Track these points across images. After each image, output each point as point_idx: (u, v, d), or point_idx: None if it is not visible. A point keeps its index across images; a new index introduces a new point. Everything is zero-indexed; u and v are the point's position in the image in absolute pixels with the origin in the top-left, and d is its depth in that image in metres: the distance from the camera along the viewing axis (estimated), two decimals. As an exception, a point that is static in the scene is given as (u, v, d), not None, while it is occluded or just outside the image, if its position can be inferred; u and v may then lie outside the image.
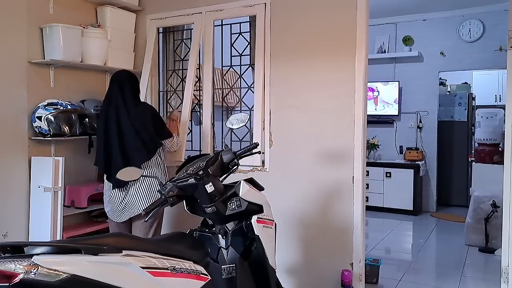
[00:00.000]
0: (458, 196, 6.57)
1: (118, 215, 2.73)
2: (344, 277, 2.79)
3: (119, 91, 2.70)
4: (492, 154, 5.02)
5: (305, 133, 2.99)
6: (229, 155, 2.04)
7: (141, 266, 1.49)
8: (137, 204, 2.66)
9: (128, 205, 2.68)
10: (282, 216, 2.77)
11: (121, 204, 2.70)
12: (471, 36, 6.01)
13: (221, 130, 3.51)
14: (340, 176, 2.87)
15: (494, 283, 3.34)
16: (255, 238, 1.91)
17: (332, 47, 2.89)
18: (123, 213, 2.71)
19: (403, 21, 6.39)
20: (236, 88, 3.57)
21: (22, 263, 1.25)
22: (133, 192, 2.66)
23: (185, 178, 1.90)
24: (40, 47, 3.07)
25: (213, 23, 3.36)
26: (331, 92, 2.90)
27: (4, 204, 2.87)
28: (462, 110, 6.61)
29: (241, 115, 2.28)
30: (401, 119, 6.45)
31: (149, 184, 2.66)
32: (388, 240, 4.91)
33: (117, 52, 3.46)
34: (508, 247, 2.68)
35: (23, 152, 2.97)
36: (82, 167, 3.25)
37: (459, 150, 6.60)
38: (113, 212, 2.75)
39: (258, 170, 3.12)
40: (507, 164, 2.70)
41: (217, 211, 1.90)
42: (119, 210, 2.71)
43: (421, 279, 3.68)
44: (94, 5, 3.49)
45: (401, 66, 6.42)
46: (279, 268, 2.09)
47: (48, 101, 2.98)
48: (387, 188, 6.12)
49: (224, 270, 1.88)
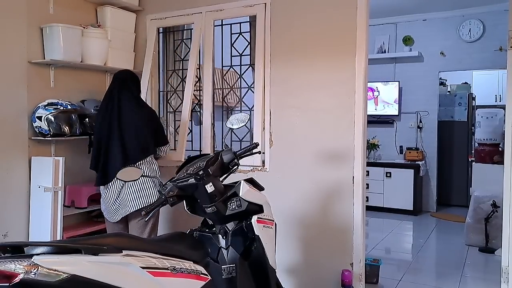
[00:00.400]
0: (458, 196, 6.57)
1: (112, 215, 2.74)
2: (344, 277, 2.79)
3: (121, 88, 2.73)
4: (492, 154, 5.01)
5: (305, 133, 2.99)
6: (229, 155, 2.04)
7: (141, 266, 1.49)
8: (131, 203, 2.66)
9: (121, 204, 2.68)
10: (282, 216, 2.78)
11: (114, 203, 2.71)
12: (471, 36, 6.01)
13: (221, 130, 3.51)
14: (340, 176, 2.87)
15: (494, 283, 3.34)
16: (255, 238, 1.91)
17: (332, 47, 2.89)
18: (117, 212, 2.71)
19: (403, 21, 6.39)
20: (236, 88, 3.57)
21: (22, 263, 1.25)
22: (126, 191, 2.67)
23: (185, 178, 1.90)
24: (40, 47, 3.07)
25: (213, 23, 3.36)
26: (331, 92, 2.90)
27: (4, 204, 2.87)
28: (462, 110, 6.61)
29: (241, 115, 2.28)
30: (401, 119, 6.45)
31: (143, 183, 2.67)
32: (388, 240, 4.91)
33: (117, 52, 3.46)
34: (508, 247, 2.68)
35: (23, 152, 2.97)
36: (82, 167, 3.24)
37: (459, 150, 6.60)
38: (108, 211, 2.76)
39: (258, 170, 3.12)
40: (507, 164, 2.69)
41: (217, 211, 1.90)
42: (113, 210, 2.72)
43: (421, 279, 3.68)
44: (94, 5, 3.49)
45: (401, 66, 6.42)
46: (279, 268, 2.09)
47: (48, 101, 2.98)
48: (387, 188, 6.12)
49: (224, 270, 1.88)
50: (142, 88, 3.50)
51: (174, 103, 3.75)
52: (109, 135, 2.69)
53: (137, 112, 2.72)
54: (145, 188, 2.68)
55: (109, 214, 2.76)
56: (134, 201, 2.66)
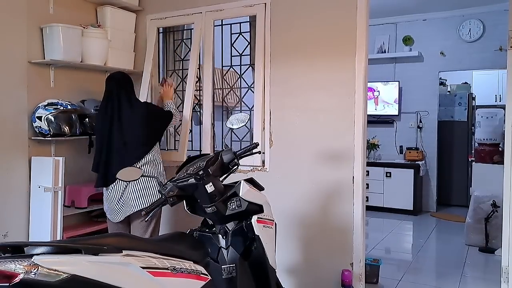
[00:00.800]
0: (458, 196, 6.57)
1: (115, 215, 2.74)
2: (344, 277, 2.79)
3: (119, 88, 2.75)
4: (492, 154, 5.01)
5: (305, 133, 2.99)
6: (229, 155, 2.04)
7: (141, 266, 1.49)
8: (134, 203, 2.66)
9: (124, 204, 2.68)
10: (282, 216, 2.77)
11: (118, 203, 2.70)
12: (471, 36, 6.01)
13: (221, 130, 3.51)
14: (340, 176, 2.87)
15: (494, 283, 3.34)
16: (255, 238, 1.91)
17: (332, 47, 2.89)
18: (120, 212, 2.71)
19: (403, 21, 6.39)
20: (236, 88, 3.57)
21: (22, 263, 1.25)
22: (130, 191, 2.67)
23: (185, 178, 1.90)
24: (40, 47, 3.07)
25: (213, 23, 3.36)
26: (331, 92, 2.90)
27: (4, 204, 2.87)
28: (462, 110, 6.61)
29: (241, 115, 2.28)
30: (401, 119, 6.45)
31: (146, 182, 2.67)
32: (388, 240, 4.91)
33: (117, 52, 3.46)
34: (508, 247, 2.69)
35: (23, 152, 2.97)
36: (82, 167, 3.25)
37: (459, 150, 6.60)
38: (110, 211, 2.76)
39: (258, 170, 3.12)
40: (507, 164, 2.70)
41: (217, 211, 1.90)
42: (116, 210, 2.72)
43: (421, 279, 3.68)
44: (94, 5, 3.49)
45: (401, 66, 6.42)
46: (279, 268, 2.09)
47: (48, 101, 2.98)
48: (387, 188, 6.12)
49: (224, 270, 1.88)
50: (142, 88, 3.52)
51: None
52: (110, 136, 2.69)
53: (136, 111, 2.73)
54: (148, 188, 2.67)
55: (112, 214, 2.76)
56: (137, 201, 2.66)
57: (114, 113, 2.71)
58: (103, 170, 2.71)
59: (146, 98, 3.55)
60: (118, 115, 2.70)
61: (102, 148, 2.72)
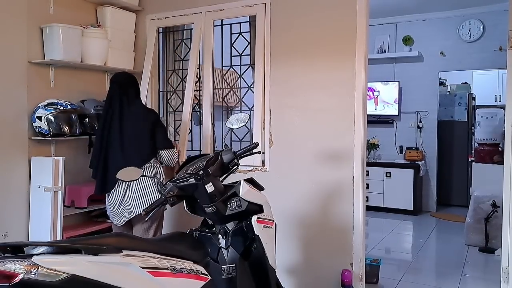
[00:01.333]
0: (458, 196, 6.57)
1: (117, 218, 2.73)
2: (344, 277, 2.79)
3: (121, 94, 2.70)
4: (492, 154, 5.01)
5: (305, 133, 2.99)
6: (229, 155, 2.04)
7: (141, 266, 1.49)
8: (135, 206, 2.64)
9: (126, 207, 2.68)
10: (282, 216, 2.77)
11: (119, 207, 2.70)
12: (471, 36, 6.01)
13: (221, 130, 3.51)
14: (340, 176, 2.87)
15: (494, 283, 3.34)
16: (255, 238, 1.91)
17: (332, 47, 2.89)
18: (122, 216, 2.70)
19: (403, 21, 6.39)
20: (236, 88, 3.57)
21: (22, 263, 1.25)
22: (130, 194, 2.66)
23: (185, 178, 1.90)
24: (40, 47, 3.07)
25: (213, 23, 3.36)
26: (331, 92, 2.90)
27: (4, 204, 2.87)
28: (462, 110, 6.61)
29: (241, 115, 2.28)
30: (401, 119, 6.45)
31: (147, 185, 2.66)
32: (388, 240, 4.91)
33: (117, 52, 3.46)
34: (508, 247, 2.68)
35: (23, 152, 2.97)
36: (82, 167, 3.24)
37: (459, 150, 6.60)
38: (113, 215, 2.76)
39: (258, 170, 3.12)
40: (507, 164, 2.69)
41: (217, 211, 1.90)
42: (118, 213, 2.71)
43: (421, 279, 3.68)
44: (94, 5, 3.49)
45: (401, 66, 6.42)
46: (279, 268, 2.09)
47: (48, 101, 2.98)
48: (387, 188, 6.12)
49: (224, 270, 1.88)
50: (142, 88, 3.50)
51: (174, 103, 3.75)
52: (109, 143, 2.67)
53: (138, 118, 2.68)
54: (150, 191, 2.65)
55: (114, 217, 2.75)
56: (138, 201, 2.65)
57: (113, 122, 2.66)
58: (101, 177, 2.69)
59: (146, 98, 3.55)
60: (119, 123, 2.65)
61: (100, 154, 2.69)
